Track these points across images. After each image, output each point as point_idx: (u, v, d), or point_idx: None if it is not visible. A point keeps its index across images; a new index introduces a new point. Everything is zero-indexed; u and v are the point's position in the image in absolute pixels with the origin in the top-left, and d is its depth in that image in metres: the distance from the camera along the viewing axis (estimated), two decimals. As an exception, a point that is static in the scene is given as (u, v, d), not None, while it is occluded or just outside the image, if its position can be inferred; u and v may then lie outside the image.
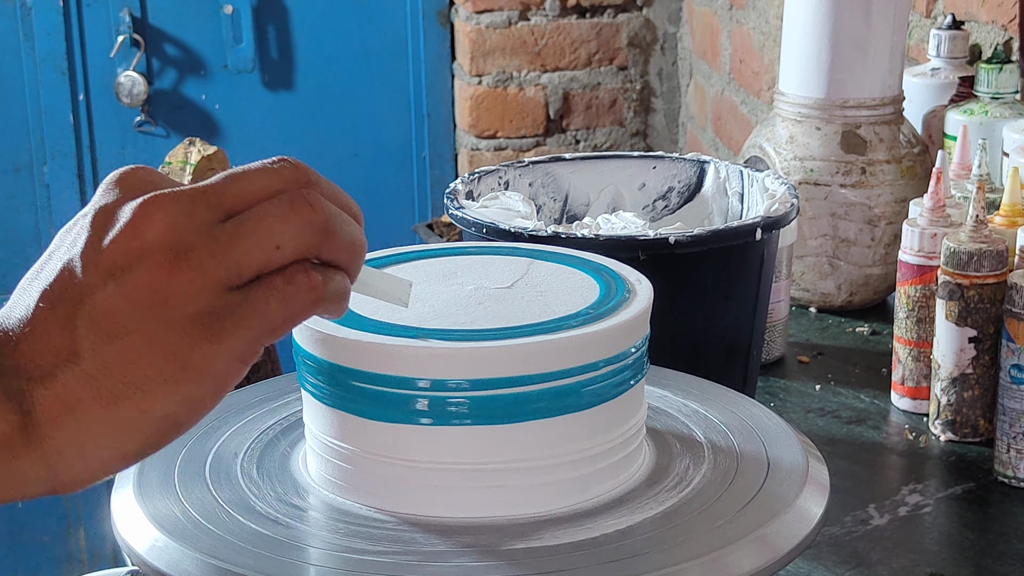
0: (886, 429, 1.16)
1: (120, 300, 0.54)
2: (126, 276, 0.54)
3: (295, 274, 0.56)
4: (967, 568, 0.95)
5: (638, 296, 0.74)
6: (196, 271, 0.54)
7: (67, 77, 2.60)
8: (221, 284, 0.55)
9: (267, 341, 0.57)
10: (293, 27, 2.64)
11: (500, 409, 0.68)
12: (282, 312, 0.56)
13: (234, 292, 0.55)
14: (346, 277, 0.58)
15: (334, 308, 0.58)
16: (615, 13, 2.63)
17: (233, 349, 0.55)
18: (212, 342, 0.55)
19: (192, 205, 0.55)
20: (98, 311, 0.54)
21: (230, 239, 0.55)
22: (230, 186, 0.57)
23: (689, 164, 1.22)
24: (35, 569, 2.74)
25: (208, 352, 0.55)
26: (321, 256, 0.57)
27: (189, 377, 0.55)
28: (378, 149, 2.72)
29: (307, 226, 0.56)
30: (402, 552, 0.67)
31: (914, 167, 1.37)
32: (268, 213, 0.56)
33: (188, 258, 0.54)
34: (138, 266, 0.54)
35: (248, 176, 0.57)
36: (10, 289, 2.09)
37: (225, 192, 0.56)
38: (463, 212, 1.08)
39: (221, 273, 0.55)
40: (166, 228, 0.55)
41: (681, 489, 0.73)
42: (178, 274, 0.54)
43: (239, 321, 0.55)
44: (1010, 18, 1.50)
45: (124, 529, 0.70)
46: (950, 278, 1.09)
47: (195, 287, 0.54)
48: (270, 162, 0.58)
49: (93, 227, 0.56)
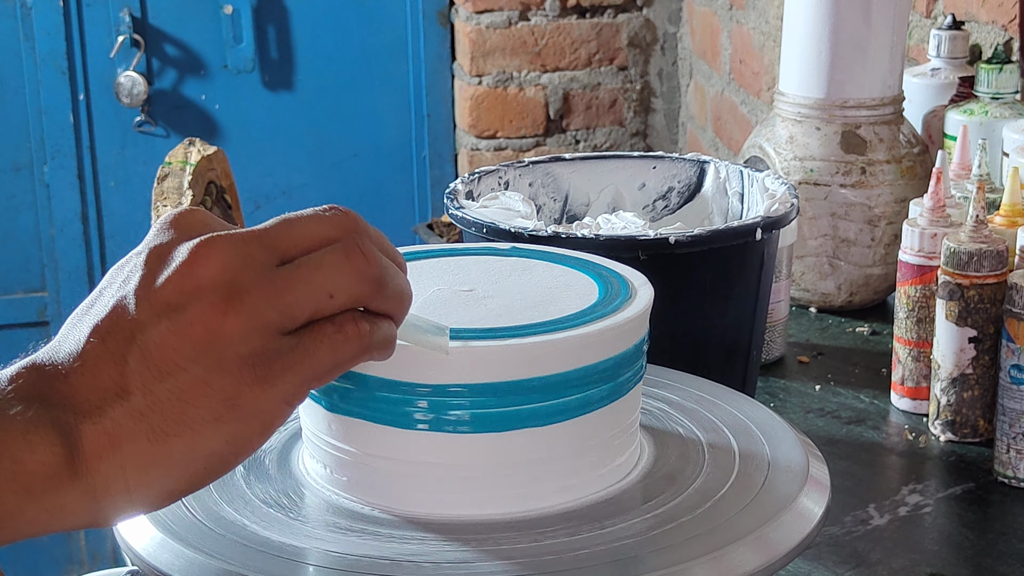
0: (886, 429, 1.16)
1: (173, 338, 0.55)
2: (180, 315, 0.55)
3: (345, 323, 0.58)
4: (967, 568, 0.95)
5: (638, 296, 0.74)
6: (250, 313, 0.55)
7: (67, 77, 2.60)
8: (273, 328, 0.56)
9: (315, 386, 0.58)
10: (293, 27, 2.64)
11: (499, 410, 0.68)
12: (331, 359, 0.57)
13: (285, 336, 0.57)
14: (392, 325, 0.60)
15: (379, 356, 0.60)
16: (615, 13, 2.63)
17: (282, 392, 0.57)
18: (262, 384, 0.56)
19: (247, 248, 0.56)
20: (150, 348, 0.55)
21: (285, 284, 0.56)
22: (285, 231, 0.58)
23: (689, 164, 1.22)
24: (35, 569, 2.74)
25: (257, 393, 0.56)
26: (371, 306, 0.59)
27: (237, 417, 0.56)
28: (378, 149, 2.72)
29: (360, 277, 0.58)
30: (401, 552, 0.67)
31: (914, 167, 1.37)
32: (324, 262, 0.57)
33: (243, 300, 0.55)
34: (193, 305, 0.55)
35: (302, 222, 0.58)
36: (10, 290, 2.10)
37: (280, 237, 0.58)
38: (463, 212, 1.08)
39: (274, 317, 0.56)
40: (221, 269, 0.56)
41: (681, 489, 0.73)
42: (232, 315, 0.55)
43: (289, 365, 0.56)
44: (1010, 18, 1.50)
45: (124, 529, 0.70)
46: (950, 278, 1.09)
47: (248, 329, 0.55)
48: (322, 209, 0.59)
49: (147, 265, 0.57)
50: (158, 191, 1.32)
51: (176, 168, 1.33)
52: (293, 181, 2.70)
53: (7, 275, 2.67)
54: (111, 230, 2.68)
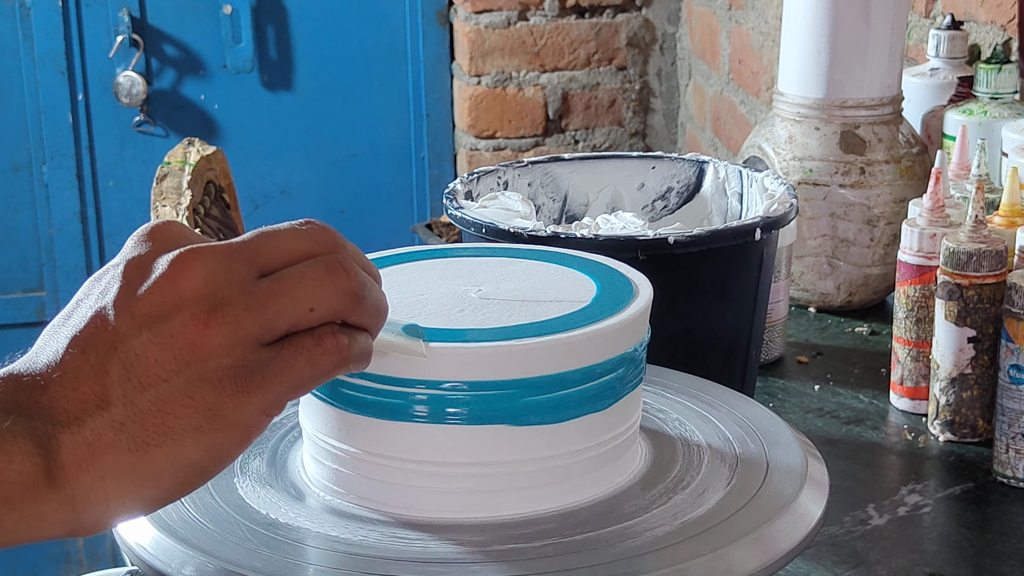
0: (885, 429, 1.16)
1: (155, 350, 0.55)
2: (161, 326, 0.55)
3: (324, 336, 0.58)
4: (966, 568, 0.95)
5: (637, 296, 0.74)
6: (232, 326, 0.56)
7: (66, 77, 2.60)
8: (254, 340, 0.57)
9: (292, 397, 0.58)
10: (292, 27, 2.64)
11: (498, 410, 0.68)
12: (309, 371, 0.58)
13: (265, 348, 0.57)
14: (369, 338, 0.61)
15: (356, 368, 0.61)
16: (614, 13, 2.63)
17: (261, 403, 0.57)
18: (242, 395, 0.56)
19: (229, 261, 0.57)
20: (132, 359, 0.55)
21: (266, 297, 0.57)
22: (265, 244, 0.58)
23: (688, 164, 1.22)
24: (34, 569, 2.74)
25: (237, 404, 0.56)
26: (349, 320, 0.59)
27: (217, 427, 0.56)
28: (377, 149, 2.72)
29: (341, 292, 0.58)
30: (400, 552, 0.67)
31: (913, 167, 1.37)
32: (305, 276, 0.58)
33: (224, 312, 0.56)
34: (175, 317, 0.56)
35: (282, 236, 0.59)
36: (8, 289, 2.10)
37: (260, 250, 0.58)
38: (462, 212, 1.08)
39: (255, 330, 0.57)
40: (203, 282, 0.56)
41: (680, 489, 0.73)
42: (215, 328, 0.56)
43: (269, 376, 0.57)
44: (1009, 18, 1.50)
45: (123, 529, 0.70)
46: (949, 278, 1.09)
47: (230, 341, 0.56)
48: (300, 223, 0.60)
49: (126, 277, 0.57)
50: (157, 191, 1.32)
51: (175, 168, 1.33)
52: (292, 181, 2.70)
53: (5, 275, 2.67)
54: (110, 230, 2.68)
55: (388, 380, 0.68)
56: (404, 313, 0.71)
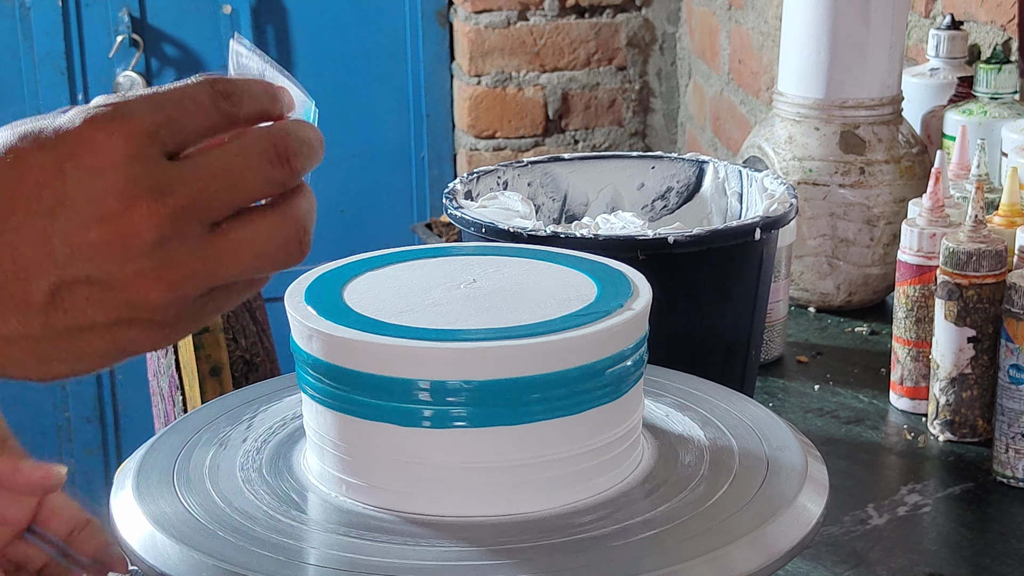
0: (885, 429, 1.16)
1: (93, 302, 0.55)
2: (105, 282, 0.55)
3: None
4: (966, 568, 0.95)
5: (637, 296, 0.74)
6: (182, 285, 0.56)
7: (66, 77, 2.60)
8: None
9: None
10: (292, 27, 2.64)
11: (499, 409, 0.69)
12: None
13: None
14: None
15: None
16: (614, 13, 2.63)
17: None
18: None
19: (183, 212, 0.58)
20: (65, 296, 0.55)
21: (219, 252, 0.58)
22: (212, 185, 0.60)
23: (688, 164, 1.22)
24: (34, 569, 2.74)
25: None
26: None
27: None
28: (377, 149, 2.72)
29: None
30: (402, 552, 0.67)
31: (913, 167, 1.37)
32: (259, 232, 0.63)
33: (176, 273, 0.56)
34: (118, 273, 0.55)
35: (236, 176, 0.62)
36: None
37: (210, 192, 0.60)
38: (462, 212, 1.08)
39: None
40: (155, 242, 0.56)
41: (680, 489, 0.73)
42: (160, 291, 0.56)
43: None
44: (1009, 18, 1.50)
45: (124, 529, 0.70)
46: (949, 278, 1.09)
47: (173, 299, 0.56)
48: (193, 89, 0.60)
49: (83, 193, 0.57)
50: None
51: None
52: (292, 181, 2.70)
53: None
54: (110, 230, 2.68)
55: (388, 380, 0.68)
56: (404, 313, 0.72)
